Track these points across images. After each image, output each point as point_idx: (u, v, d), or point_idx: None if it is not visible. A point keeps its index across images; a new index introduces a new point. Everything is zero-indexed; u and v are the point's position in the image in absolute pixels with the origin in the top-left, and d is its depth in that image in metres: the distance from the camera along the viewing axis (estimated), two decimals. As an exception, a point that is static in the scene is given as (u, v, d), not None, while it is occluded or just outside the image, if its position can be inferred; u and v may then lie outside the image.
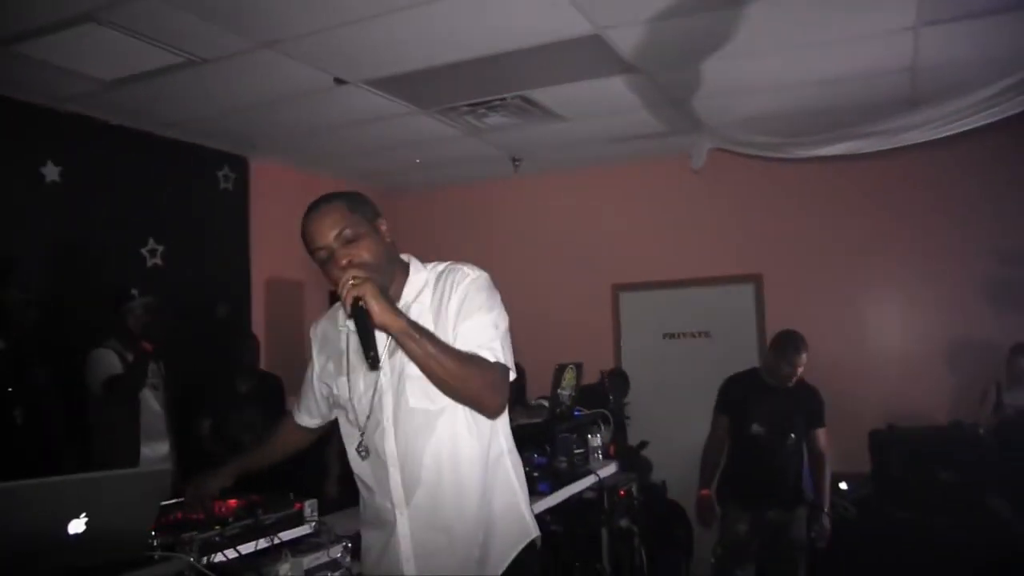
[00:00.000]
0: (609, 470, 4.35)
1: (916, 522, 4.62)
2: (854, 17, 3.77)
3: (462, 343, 1.83)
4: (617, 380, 5.93)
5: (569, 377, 4.10)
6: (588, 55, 4.08)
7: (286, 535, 2.31)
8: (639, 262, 6.50)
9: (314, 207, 1.90)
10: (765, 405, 4.33)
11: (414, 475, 1.92)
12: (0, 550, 1.64)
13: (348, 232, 1.85)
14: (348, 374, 2.00)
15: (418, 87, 4.51)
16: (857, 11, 3.70)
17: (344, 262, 1.82)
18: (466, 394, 1.82)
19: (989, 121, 4.04)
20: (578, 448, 4.15)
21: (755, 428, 4.33)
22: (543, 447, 3.89)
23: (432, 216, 7.15)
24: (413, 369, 1.83)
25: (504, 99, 4.79)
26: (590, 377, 5.17)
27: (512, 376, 1.89)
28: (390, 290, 1.88)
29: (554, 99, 4.82)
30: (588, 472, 4.06)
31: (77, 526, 1.75)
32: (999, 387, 5.11)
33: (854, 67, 4.42)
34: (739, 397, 4.43)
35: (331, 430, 2.27)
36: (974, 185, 5.63)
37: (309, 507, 2.46)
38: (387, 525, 1.98)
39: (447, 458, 1.91)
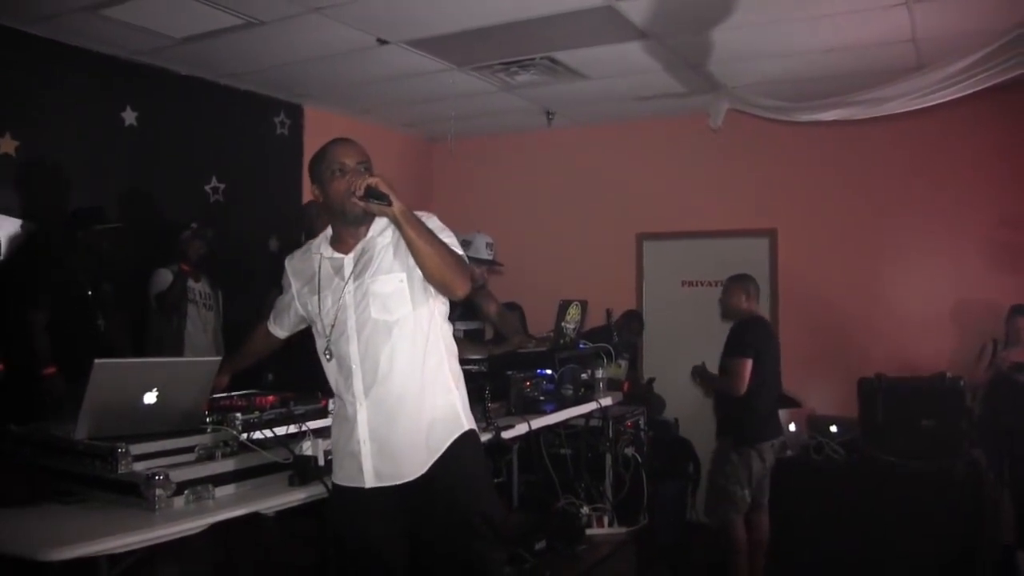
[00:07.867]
0: (612, 401, 4.68)
1: (896, 465, 4.86)
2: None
3: None
4: (632, 321, 6.18)
5: (574, 312, 4.42)
6: (604, 23, 4.39)
7: (312, 424, 2.83)
8: (662, 213, 6.72)
9: (344, 138, 2.43)
10: None
11: (371, 374, 2.33)
12: (100, 409, 2.23)
13: (366, 164, 2.35)
14: (319, 293, 2.45)
15: (452, 47, 4.87)
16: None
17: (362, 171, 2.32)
18: (444, 267, 2.25)
19: (988, 85, 4.14)
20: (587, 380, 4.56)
21: None
22: (551, 373, 4.30)
23: (469, 164, 7.38)
24: (378, 287, 2.32)
25: (532, 59, 5.11)
26: (597, 318, 5.55)
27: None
28: (359, 231, 2.39)
29: (578, 60, 5.13)
30: (591, 400, 4.40)
31: (151, 398, 2.33)
32: (996, 345, 5.32)
33: (858, 38, 4.60)
34: None
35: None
36: (981, 149, 5.72)
37: (333, 404, 3.02)
38: (349, 418, 2.39)
39: (397, 360, 2.31)
